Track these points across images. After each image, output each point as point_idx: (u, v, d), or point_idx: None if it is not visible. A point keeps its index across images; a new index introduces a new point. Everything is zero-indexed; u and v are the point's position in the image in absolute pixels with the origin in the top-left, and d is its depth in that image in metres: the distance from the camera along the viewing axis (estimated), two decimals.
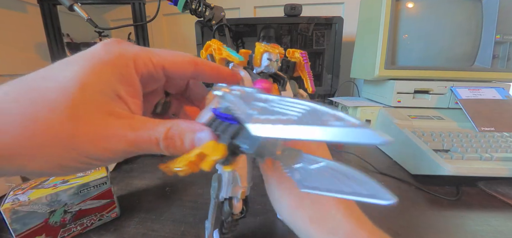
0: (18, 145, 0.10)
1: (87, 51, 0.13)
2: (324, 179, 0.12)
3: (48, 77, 0.11)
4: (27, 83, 0.11)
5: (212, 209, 0.25)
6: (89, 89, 0.11)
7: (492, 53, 0.58)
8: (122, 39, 0.14)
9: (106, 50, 0.12)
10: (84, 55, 0.12)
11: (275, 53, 0.22)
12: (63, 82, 0.11)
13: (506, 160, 0.42)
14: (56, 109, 0.10)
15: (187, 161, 0.14)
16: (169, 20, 1.17)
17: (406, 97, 0.61)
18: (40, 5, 0.74)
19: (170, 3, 0.54)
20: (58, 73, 0.11)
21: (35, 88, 0.11)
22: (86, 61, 0.12)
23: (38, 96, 0.10)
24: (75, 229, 0.32)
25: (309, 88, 0.24)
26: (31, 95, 0.10)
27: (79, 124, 0.11)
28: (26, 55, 0.87)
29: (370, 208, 0.21)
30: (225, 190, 0.23)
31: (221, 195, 0.23)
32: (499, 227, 0.34)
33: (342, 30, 0.80)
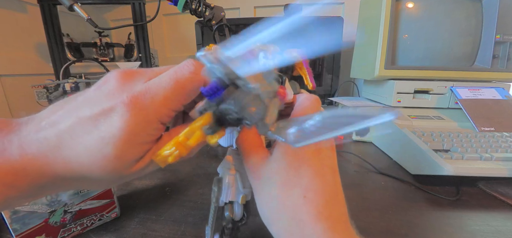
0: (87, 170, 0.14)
1: (110, 127, 0.14)
2: (318, 130, 0.12)
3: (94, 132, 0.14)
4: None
5: (212, 214, 0.24)
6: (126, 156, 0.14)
7: (492, 53, 0.58)
8: (130, 69, 0.16)
9: (131, 127, 0.14)
10: (113, 122, 0.14)
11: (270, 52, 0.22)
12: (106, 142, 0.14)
13: (506, 160, 0.42)
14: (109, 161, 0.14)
15: (175, 142, 0.14)
16: (169, 20, 1.17)
17: (406, 97, 0.61)
18: (40, 5, 0.74)
19: (170, 3, 0.54)
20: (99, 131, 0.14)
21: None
22: (119, 130, 0.14)
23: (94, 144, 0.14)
24: (75, 229, 0.32)
25: (309, 84, 0.23)
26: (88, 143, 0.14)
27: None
28: (26, 55, 0.88)
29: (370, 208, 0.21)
30: (225, 194, 0.22)
31: (221, 199, 0.23)
32: (499, 227, 0.34)
33: (342, 30, 0.80)
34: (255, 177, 0.19)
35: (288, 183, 0.17)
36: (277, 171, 0.17)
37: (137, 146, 0.14)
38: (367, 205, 0.38)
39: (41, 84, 0.67)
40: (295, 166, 0.17)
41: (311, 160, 0.17)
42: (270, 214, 0.18)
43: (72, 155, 0.13)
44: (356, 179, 0.46)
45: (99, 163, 0.14)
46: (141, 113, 0.14)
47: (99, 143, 0.13)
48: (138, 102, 0.14)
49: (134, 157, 0.15)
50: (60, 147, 0.13)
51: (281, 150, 0.18)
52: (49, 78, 0.74)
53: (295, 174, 0.17)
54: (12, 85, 0.82)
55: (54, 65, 0.79)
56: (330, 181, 0.17)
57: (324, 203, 0.16)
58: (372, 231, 0.33)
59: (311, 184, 0.16)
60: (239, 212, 0.24)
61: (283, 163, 0.17)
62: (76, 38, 0.96)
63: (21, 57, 0.86)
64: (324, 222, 0.16)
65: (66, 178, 0.14)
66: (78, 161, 0.14)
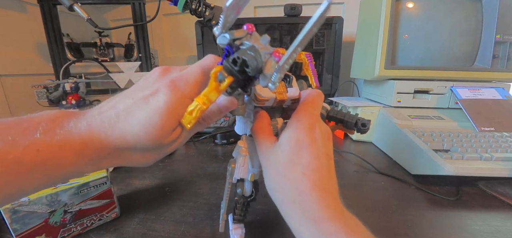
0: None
1: (154, 103, 0.18)
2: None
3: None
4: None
5: (227, 191, 0.29)
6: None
7: (492, 53, 0.58)
8: (169, 66, 0.21)
9: (170, 103, 0.18)
10: (159, 99, 0.18)
11: (280, 56, 0.25)
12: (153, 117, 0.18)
13: (506, 160, 0.42)
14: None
15: (196, 99, 0.18)
16: (169, 20, 1.17)
17: (406, 97, 0.61)
18: (40, 5, 0.74)
19: (170, 3, 0.54)
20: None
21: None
22: (165, 104, 0.18)
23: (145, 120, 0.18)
24: (75, 229, 0.32)
25: (313, 84, 0.27)
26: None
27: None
28: (26, 55, 0.87)
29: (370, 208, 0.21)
30: (237, 171, 0.27)
31: (234, 176, 0.28)
32: (499, 227, 0.34)
33: (342, 30, 0.80)
34: (266, 158, 0.23)
35: (291, 163, 0.21)
36: (283, 153, 0.22)
37: (175, 117, 0.18)
38: (367, 205, 0.38)
39: (41, 84, 0.67)
40: (297, 150, 0.21)
41: (310, 146, 0.21)
42: (276, 186, 0.22)
43: (127, 128, 0.17)
44: (356, 179, 0.47)
45: (148, 131, 0.17)
46: (178, 91, 0.18)
47: (150, 115, 0.17)
48: (176, 84, 0.18)
49: (172, 126, 0.18)
50: (118, 121, 0.17)
51: (287, 137, 0.22)
52: (49, 78, 0.74)
53: (297, 156, 0.21)
54: (12, 85, 0.82)
55: (54, 65, 0.79)
56: (324, 163, 0.21)
57: (319, 178, 0.20)
58: (372, 231, 0.33)
59: (310, 164, 0.21)
60: (249, 188, 0.29)
61: (288, 147, 0.22)
62: (76, 38, 0.96)
63: (21, 57, 0.86)
64: (318, 192, 0.20)
65: (121, 149, 0.18)
66: (132, 131, 0.17)
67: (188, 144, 0.66)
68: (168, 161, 0.55)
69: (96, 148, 0.17)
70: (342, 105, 0.73)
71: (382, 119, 0.61)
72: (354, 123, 0.27)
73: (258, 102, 0.25)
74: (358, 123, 0.27)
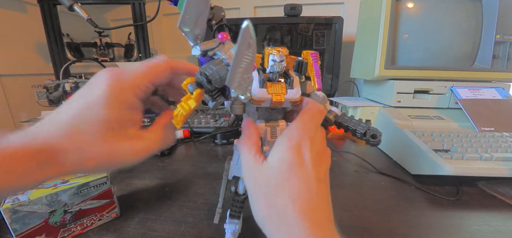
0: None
1: (95, 92, 0.18)
2: None
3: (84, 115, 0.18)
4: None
5: (223, 186, 0.30)
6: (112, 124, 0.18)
7: (492, 53, 0.58)
8: (113, 65, 0.21)
9: (111, 90, 0.18)
10: (95, 97, 0.18)
11: (278, 55, 0.24)
12: (94, 117, 0.18)
13: (506, 160, 0.42)
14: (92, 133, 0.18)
15: (179, 105, 0.19)
16: (169, 20, 1.17)
17: (406, 97, 0.61)
18: (40, 5, 0.74)
19: (170, 3, 0.54)
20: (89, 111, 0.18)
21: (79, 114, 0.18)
22: (102, 101, 0.18)
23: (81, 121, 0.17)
24: (75, 229, 0.32)
25: (315, 86, 0.25)
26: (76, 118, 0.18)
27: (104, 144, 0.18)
28: (26, 55, 0.87)
29: (370, 208, 0.21)
30: (232, 169, 0.28)
31: (231, 174, 0.28)
32: (499, 227, 0.34)
33: (342, 30, 0.80)
34: (252, 178, 0.21)
35: (280, 187, 0.19)
36: (270, 177, 0.20)
37: (121, 108, 0.18)
38: (367, 205, 0.38)
39: (41, 84, 0.67)
40: (286, 173, 0.20)
41: (299, 170, 0.20)
42: (263, 212, 0.20)
43: (76, 135, 0.17)
44: (356, 179, 0.46)
45: (96, 127, 0.17)
46: (119, 81, 0.18)
47: (90, 106, 0.17)
48: (117, 75, 0.18)
49: (121, 116, 0.18)
50: (68, 131, 0.17)
51: (275, 158, 0.20)
52: (49, 78, 0.74)
53: (286, 180, 0.19)
54: (12, 85, 0.82)
55: (54, 65, 0.79)
56: (315, 190, 0.20)
57: (309, 207, 0.19)
58: (372, 231, 0.33)
59: (299, 190, 0.19)
60: (242, 187, 0.29)
61: (277, 169, 0.20)
62: (76, 38, 0.96)
63: (21, 57, 0.86)
64: (307, 222, 0.18)
65: (76, 163, 0.17)
66: (81, 138, 0.17)
67: (188, 144, 0.66)
68: (168, 161, 0.55)
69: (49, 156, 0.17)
70: (342, 106, 0.73)
71: (382, 119, 0.61)
72: (363, 133, 0.24)
73: (254, 103, 0.25)
74: (367, 133, 0.24)
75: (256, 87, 0.24)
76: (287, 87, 0.25)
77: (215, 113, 0.78)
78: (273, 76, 0.25)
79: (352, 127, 0.25)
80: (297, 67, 0.26)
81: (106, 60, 1.01)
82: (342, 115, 0.26)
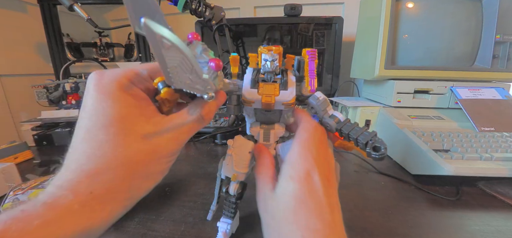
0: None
1: (99, 109, 0.16)
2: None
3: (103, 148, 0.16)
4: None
5: (217, 185, 0.30)
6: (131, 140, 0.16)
7: (492, 53, 0.58)
8: (107, 69, 0.20)
9: (111, 99, 0.16)
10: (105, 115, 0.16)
11: (268, 54, 0.23)
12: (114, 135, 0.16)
13: (506, 160, 0.42)
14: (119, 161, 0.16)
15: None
16: (169, 20, 1.16)
17: (406, 97, 0.61)
18: (40, 5, 0.74)
19: (170, 3, 0.54)
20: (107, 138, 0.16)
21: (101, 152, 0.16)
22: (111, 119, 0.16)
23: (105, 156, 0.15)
24: None
25: (307, 87, 0.23)
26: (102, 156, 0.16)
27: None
28: (26, 55, 0.87)
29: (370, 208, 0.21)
30: (223, 168, 0.28)
31: (223, 174, 0.28)
32: (499, 227, 0.34)
33: (342, 30, 0.80)
34: (264, 207, 0.21)
35: (288, 222, 0.18)
36: (278, 209, 0.19)
37: (116, 96, 0.17)
38: (367, 205, 0.38)
39: (41, 84, 0.67)
40: (294, 207, 0.18)
41: (308, 201, 0.18)
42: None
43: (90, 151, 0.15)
44: (356, 179, 0.46)
45: (104, 121, 0.15)
46: (104, 77, 0.17)
47: (92, 107, 0.16)
48: (102, 73, 0.17)
49: (121, 111, 0.16)
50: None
51: (282, 190, 0.19)
52: (49, 78, 0.74)
53: (294, 215, 0.18)
54: (12, 85, 0.82)
55: (54, 65, 0.79)
56: (328, 220, 0.18)
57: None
58: (372, 231, 0.33)
59: (309, 225, 0.17)
60: (232, 188, 0.28)
61: (283, 202, 0.19)
62: (76, 38, 0.96)
63: (21, 57, 0.86)
64: None
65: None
66: (97, 153, 0.15)
67: (188, 144, 0.66)
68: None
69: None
70: (342, 106, 0.73)
71: (382, 119, 0.61)
72: (365, 144, 0.21)
73: (245, 104, 0.24)
74: (368, 144, 0.21)
75: (247, 87, 0.24)
76: (280, 88, 0.24)
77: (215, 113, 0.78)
78: (267, 77, 0.24)
79: (353, 135, 0.22)
80: (297, 66, 0.25)
81: (106, 60, 1.01)
82: (344, 122, 0.23)
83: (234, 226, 0.32)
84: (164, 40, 0.13)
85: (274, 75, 0.24)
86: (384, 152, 0.20)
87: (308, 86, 0.23)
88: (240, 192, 0.29)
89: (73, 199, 0.14)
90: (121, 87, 0.17)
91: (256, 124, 0.28)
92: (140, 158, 0.16)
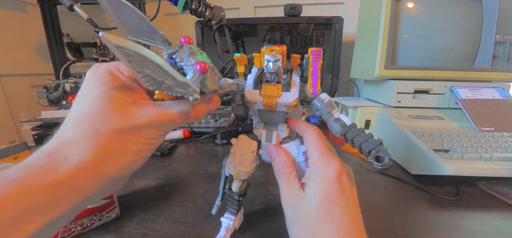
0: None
1: (92, 92, 0.17)
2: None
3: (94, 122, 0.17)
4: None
5: (222, 182, 0.31)
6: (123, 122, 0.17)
7: (492, 53, 0.58)
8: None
9: (102, 83, 0.17)
10: (97, 94, 0.17)
11: (270, 54, 0.22)
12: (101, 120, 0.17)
13: (506, 160, 0.42)
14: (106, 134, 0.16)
15: None
16: (169, 20, 1.17)
17: (406, 97, 0.61)
18: (40, 5, 0.74)
19: (170, 3, 0.54)
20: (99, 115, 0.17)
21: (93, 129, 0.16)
22: (102, 98, 0.17)
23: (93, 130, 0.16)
24: (75, 229, 0.32)
25: (309, 89, 0.22)
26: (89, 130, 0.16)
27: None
28: (26, 55, 0.87)
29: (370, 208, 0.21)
30: (227, 166, 0.28)
31: (226, 171, 0.29)
32: (499, 227, 0.34)
33: (342, 30, 0.80)
34: (292, 207, 0.21)
35: (321, 220, 0.19)
36: (311, 208, 0.20)
37: (109, 86, 0.18)
38: (367, 205, 0.38)
39: (41, 84, 0.67)
40: (326, 204, 0.19)
41: (339, 199, 0.19)
42: None
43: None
44: (356, 179, 0.46)
45: (89, 98, 0.17)
46: (99, 66, 0.18)
47: (84, 104, 0.17)
48: (99, 64, 0.18)
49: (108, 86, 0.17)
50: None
51: (313, 190, 0.20)
52: (49, 78, 0.74)
53: (327, 211, 0.19)
54: (12, 85, 0.82)
55: (54, 65, 0.79)
56: (356, 218, 0.20)
57: (353, 235, 0.19)
58: (372, 231, 0.33)
59: (342, 222, 0.19)
60: (234, 185, 0.29)
61: (316, 200, 0.20)
62: (76, 38, 0.96)
63: (21, 57, 0.86)
64: None
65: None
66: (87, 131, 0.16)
67: (188, 144, 0.66)
68: (168, 161, 0.55)
69: None
70: (342, 106, 0.73)
71: (382, 119, 0.61)
72: (368, 152, 0.21)
73: (247, 104, 0.24)
74: (371, 153, 0.20)
75: (249, 88, 0.24)
76: (283, 89, 0.23)
77: (215, 113, 0.78)
78: (271, 77, 0.24)
79: (357, 142, 0.21)
80: (303, 66, 0.24)
81: (106, 60, 1.01)
82: (350, 127, 0.22)
83: (238, 222, 0.33)
84: (123, 50, 0.13)
85: (277, 75, 0.24)
86: (387, 163, 0.19)
87: (310, 88, 0.22)
88: (243, 189, 0.30)
89: (47, 159, 0.15)
90: (110, 73, 0.18)
91: (259, 124, 0.28)
92: (116, 130, 0.16)
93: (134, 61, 0.14)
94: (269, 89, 0.23)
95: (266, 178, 0.45)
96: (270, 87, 0.23)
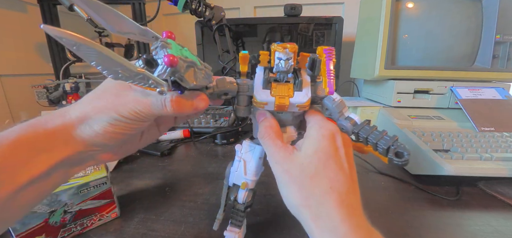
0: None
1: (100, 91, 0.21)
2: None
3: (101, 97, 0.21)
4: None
5: (224, 192, 0.29)
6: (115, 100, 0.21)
7: (492, 53, 0.58)
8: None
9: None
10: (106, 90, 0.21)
11: (283, 52, 0.21)
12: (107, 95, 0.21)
13: (506, 160, 0.42)
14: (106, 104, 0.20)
15: None
16: (169, 20, 1.17)
17: (406, 97, 0.61)
18: (40, 5, 0.74)
19: (170, 3, 0.54)
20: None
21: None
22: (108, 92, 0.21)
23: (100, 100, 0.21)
24: (75, 229, 0.32)
25: (325, 89, 0.21)
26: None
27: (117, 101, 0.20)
28: (26, 55, 0.87)
29: (370, 208, 0.21)
30: (231, 176, 0.27)
31: (230, 181, 0.27)
32: (499, 227, 0.34)
33: (342, 30, 0.80)
34: (284, 169, 0.21)
35: (318, 175, 0.20)
36: (309, 164, 0.20)
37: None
38: (367, 205, 0.38)
39: (41, 84, 0.67)
40: (324, 161, 0.20)
41: (335, 157, 0.20)
42: (300, 201, 0.20)
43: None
44: None
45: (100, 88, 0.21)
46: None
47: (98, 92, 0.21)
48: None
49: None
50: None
51: (312, 147, 0.21)
52: (49, 78, 0.74)
53: (324, 167, 0.20)
54: (12, 85, 0.82)
55: (54, 65, 0.79)
56: (349, 175, 0.20)
57: (346, 192, 0.20)
58: None
59: (336, 176, 0.20)
60: (241, 196, 0.27)
61: (315, 158, 0.20)
62: None
63: (21, 57, 0.86)
64: (346, 208, 0.19)
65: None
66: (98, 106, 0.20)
67: (188, 144, 0.66)
68: (168, 161, 0.55)
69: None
70: None
71: (382, 119, 0.61)
72: (386, 149, 0.20)
73: (256, 105, 0.23)
74: (390, 150, 0.20)
75: (258, 88, 0.22)
76: (294, 89, 0.22)
77: (215, 113, 0.78)
78: (280, 76, 0.22)
79: (372, 140, 0.21)
80: (310, 65, 0.22)
81: None
82: (362, 125, 0.22)
83: (242, 234, 0.30)
84: (65, 41, 0.14)
85: (286, 75, 0.22)
86: (407, 158, 0.19)
87: (326, 87, 0.20)
88: (250, 200, 0.28)
89: (59, 114, 0.20)
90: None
91: None
92: (110, 101, 0.20)
93: (81, 52, 0.14)
94: (281, 89, 0.22)
95: (267, 178, 0.45)
96: (281, 87, 0.22)
